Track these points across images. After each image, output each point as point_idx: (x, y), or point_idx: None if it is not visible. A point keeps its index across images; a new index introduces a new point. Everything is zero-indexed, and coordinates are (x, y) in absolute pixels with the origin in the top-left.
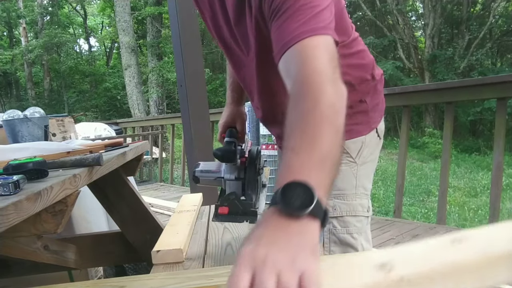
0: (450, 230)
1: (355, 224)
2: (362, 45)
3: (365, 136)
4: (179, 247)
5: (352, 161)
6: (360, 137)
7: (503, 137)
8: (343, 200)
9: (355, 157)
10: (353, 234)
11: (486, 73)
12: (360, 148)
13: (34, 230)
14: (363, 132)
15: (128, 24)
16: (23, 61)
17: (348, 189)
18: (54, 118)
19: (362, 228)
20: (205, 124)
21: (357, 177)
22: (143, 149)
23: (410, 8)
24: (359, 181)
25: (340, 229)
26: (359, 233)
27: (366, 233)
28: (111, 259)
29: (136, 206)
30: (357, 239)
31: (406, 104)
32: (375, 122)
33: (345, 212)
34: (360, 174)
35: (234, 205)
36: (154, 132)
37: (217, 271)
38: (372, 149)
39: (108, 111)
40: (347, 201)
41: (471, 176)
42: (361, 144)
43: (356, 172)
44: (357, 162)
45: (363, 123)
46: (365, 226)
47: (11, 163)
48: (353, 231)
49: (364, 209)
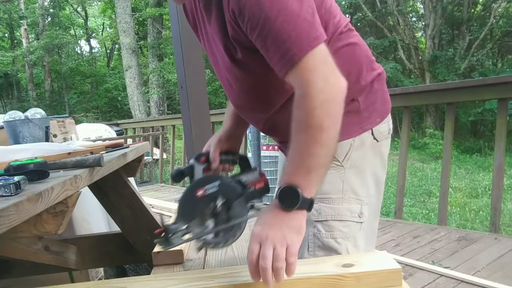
0: (451, 231)
1: (341, 229)
2: (354, 39)
3: (355, 138)
4: (179, 248)
5: (338, 165)
6: (348, 140)
7: (504, 138)
8: (328, 204)
9: (342, 160)
10: (338, 239)
11: (487, 73)
12: (348, 151)
13: (35, 231)
14: (352, 134)
15: (129, 25)
16: (24, 62)
17: (334, 193)
18: (55, 119)
19: (350, 233)
20: (206, 125)
21: (344, 181)
22: (144, 150)
23: (411, 9)
24: (347, 185)
25: (325, 233)
26: (345, 238)
27: (355, 239)
28: (111, 260)
29: (137, 207)
30: (342, 244)
31: (406, 105)
32: (370, 123)
33: (330, 216)
34: (348, 178)
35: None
36: (154, 133)
37: (217, 272)
38: (365, 152)
39: (109, 112)
40: (332, 205)
41: (472, 177)
42: (349, 147)
43: (344, 176)
44: (344, 166)
45: (353, 124)
46: (356, 232)
47: (12, 164)
48: (338, 236)
49: (354, 214)
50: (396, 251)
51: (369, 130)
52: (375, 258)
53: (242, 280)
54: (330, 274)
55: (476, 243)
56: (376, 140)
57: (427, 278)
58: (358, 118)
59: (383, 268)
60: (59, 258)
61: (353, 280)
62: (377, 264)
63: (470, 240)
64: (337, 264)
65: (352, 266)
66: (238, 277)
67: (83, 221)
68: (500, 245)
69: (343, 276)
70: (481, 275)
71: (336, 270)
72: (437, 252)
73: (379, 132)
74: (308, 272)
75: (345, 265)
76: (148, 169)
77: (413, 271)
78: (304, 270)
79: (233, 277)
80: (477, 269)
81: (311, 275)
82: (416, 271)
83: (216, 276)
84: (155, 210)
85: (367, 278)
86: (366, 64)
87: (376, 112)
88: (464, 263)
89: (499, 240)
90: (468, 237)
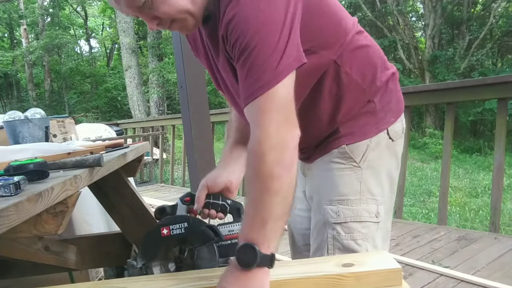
0: (451, 231)
1: (360, 230)
2: (366, 41)
3: (371, 139)
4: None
5: (356, 166)
6: (365, 140)
7: (504, 137)
8: (347, 206)
9: (359, 161)
10: (358, 241)
11: (487, 73)
12: (365, 151)
13: (35, 231)
14: (369, 135)
15: (128, 25)
16: (24, 62)
17: (352, 194)
18: (54, 119)
19: (369, 234)
20: (206, 125)
21: (361, 182)
22: (144, 150)
23: (411, 9)
24: (364, 186)
25: (344, 235)
26: (364, 239)
27: (374, 239)
28: (111, 260)
29: (137, 207)
30: (362, 245)
31: (406, 105)
32: (386, 123)
33: (349, 218)
34: (365, 179)
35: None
36: (154, 133)
37: (217, 273)
38: (380, 152)
39: (109, 112)
40: (351, 207)
41: (472, 176)
42: (366, 148)
43: (361, 177)
44: (362, 167)
45: (369, 125)
46: (374, 232)
47: (12, 164)
48: (358, 237)
49: (371, 214)
50: (396, 251)
51: (385, 130)
52: (375, 257)
53: None
54: (330, 273)
55: (476, 243)
56: (391, 139)
57: (427, 278)
58: (374, 118)
59: (383, 268)
60: (59, 258)
61: (353, 280)
62: (377, 263)
63: (470, 239)
64: (337, 264)
65: (352, 265)
66: None
67: (83, 222)
68: (500, 245)
69: (343, 275)
70: (481, 275)
71: (336, 270)
72: (437, 251)
73: (394, 132)
74: (308, 272)
75: (345, 265)
76: (148, 169)
77: (413, 271)
78: (304, 270)
79: None
80: (477, 268)
81: (311, 275)
82: (416, 271)
83: (216, 276)
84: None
85: (367, 278)
86: (380, 64)
87: (391, 111)
88: (464, 262)
89: (499, 240)
90: (468, 237)
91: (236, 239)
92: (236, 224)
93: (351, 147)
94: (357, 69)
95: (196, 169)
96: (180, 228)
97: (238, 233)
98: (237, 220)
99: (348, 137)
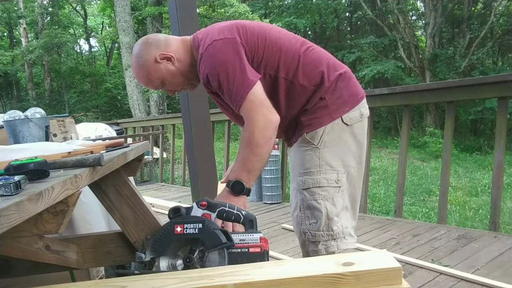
0: (450, 229)
1: (320, 193)
2: (313, 54)
3: (326, 126)
4: None
5: (315, 147)
6: (321, 128)
7: (504, 136)
8: (310, 176)
9: (317, 143)
10: (318, 201)
11: (487, 72)
12: (321, 135)
13: (35, 230)
14: (323, 123)
15: (128, 24)
16: (23, 61)
17: (313, 167)
18: (55, 118)
19: (328, 195)
20: (206, 124)
21: (320, 158)
22: (144, 149)
23: (411, 7)
24: (322, 160)
25: (309, 197)
26: (323, 199)
27: (333, 199)
28: (112, 259)
29: (137, 206)
30: (321, 204)
31: (407, 104)
32: (339, 113)
33: (311, 184)
34: (323, 156)
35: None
36: (154, 132)
37: (218, 271)
38: (336, 135)
39: (109, 111)
40: (313, 177)
41: (472, 175)
42: (322, 133)
43: (319, 155)
44: (319, 147)
45: (324, 116)
46: (334, 194)
47: (12, 164)
48: (318, 198)
49: (331, 181)
50: (396, 250)
51: (339, 118)
52: (375, 256)
53: (242, 279)
54: (330, 273)
55: (476, 242)
56: (346, 124)
57: (427, 276)
58: (327, 111)
59: (383, 267)
60: (60, 257)
61: (353, 279)
62: (377, 262)
63: (470, 238)
64: (337, 263)
65: (352, 264)
66: (238, 276)
67: (84, 221)
68: (499, 243)
69: (343, 274)
70: (481, 273)
71: (336, 269)
72: (437, 250)
73: (349, 118)
74: (308, 271)
75: (345, 264)
76: (148, 168)
77: (413, 270)
78: (304, 269)
79: (234, 276)
80: (476, 267)
81: (311, 274)
82: (416, 270)
83: (216, 275)
84: (155, 209)
85: (367, 277)
86: (327, 69)
87: (345, 103)
88: (464, 261)
89: (499, 239)
90: (468, 236)
91: (246, 249)
92: (248, 235)
93: (311, 134)
94: (304, 77)
95: (196, 168)
96: (194, 228)
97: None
98: (249, 231)
99: (308, 127)
